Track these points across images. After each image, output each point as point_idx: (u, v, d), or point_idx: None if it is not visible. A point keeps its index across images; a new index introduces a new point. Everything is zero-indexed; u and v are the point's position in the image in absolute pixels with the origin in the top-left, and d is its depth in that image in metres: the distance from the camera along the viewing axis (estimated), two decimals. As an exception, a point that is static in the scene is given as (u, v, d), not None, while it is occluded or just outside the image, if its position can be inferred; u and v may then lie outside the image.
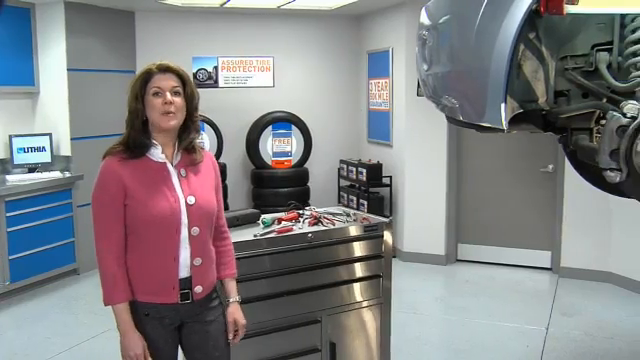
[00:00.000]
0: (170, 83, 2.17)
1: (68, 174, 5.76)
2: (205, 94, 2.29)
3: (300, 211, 3.39)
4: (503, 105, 2.10)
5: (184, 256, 2.19)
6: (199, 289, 2.23)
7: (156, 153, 2.21)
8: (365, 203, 6.39)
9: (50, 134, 5.77)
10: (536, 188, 5.96)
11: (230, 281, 2.43)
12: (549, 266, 5.95)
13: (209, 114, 6.36)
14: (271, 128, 6.83)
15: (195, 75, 6.73)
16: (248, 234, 3.03)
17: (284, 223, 3.25)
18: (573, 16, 2.17)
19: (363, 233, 3.25)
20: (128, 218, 2.16)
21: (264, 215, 3.35)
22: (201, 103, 2.29)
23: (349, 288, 3.24)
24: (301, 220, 3.28)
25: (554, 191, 5.81)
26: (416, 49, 2.95)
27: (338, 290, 3.21)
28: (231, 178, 6.85)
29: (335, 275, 3.19)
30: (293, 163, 6.91)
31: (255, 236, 3.00)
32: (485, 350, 4.24)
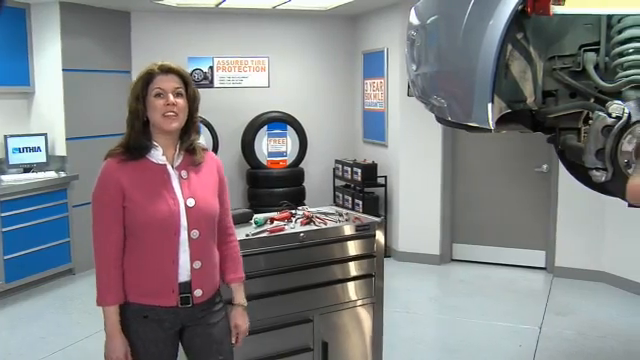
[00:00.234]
0: (172, 84, 2.16)
1: (63, 174, 5.76)
2: (200, 94, 2.30)
3: (293, 211, 3.39)
4: (490, 105, 2.11)
5: (183, 259, 2.16)
6: (199, 293, 2.19)
7: (156, 155, 2.19)
8: (360, 203, 6.40)
9: (45, 134, 5.77)
10: (530, 188, 5.98)
11: (236, 285, 2.38)
12: (543, 266, 5.97)
13: (204, 114, 6.35)
14: (266, 128, 6.85)
15: (190, 75, 6.73)
16: (240, 234, 3.00)
17: (276, 223, 3.25)
18: (560, 16, 2.18)
19: (355, 233, 3.25)
20: (127, 220, 2.14)
21: (256, 215, 3.35)
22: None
23: (341, 287, 3.24)
24: (293, 220, 3.29)
25: (548, 191, 5.83)
26: (405, 49, 2.97)
27: (330, 289, 3.21)
28: (226, 178, 6.83)
29: (327, 275, 3.19)
30: (288, 163, 6.93)
31: (247, 235, 3.01)
32: (478, 349, 4.26)
